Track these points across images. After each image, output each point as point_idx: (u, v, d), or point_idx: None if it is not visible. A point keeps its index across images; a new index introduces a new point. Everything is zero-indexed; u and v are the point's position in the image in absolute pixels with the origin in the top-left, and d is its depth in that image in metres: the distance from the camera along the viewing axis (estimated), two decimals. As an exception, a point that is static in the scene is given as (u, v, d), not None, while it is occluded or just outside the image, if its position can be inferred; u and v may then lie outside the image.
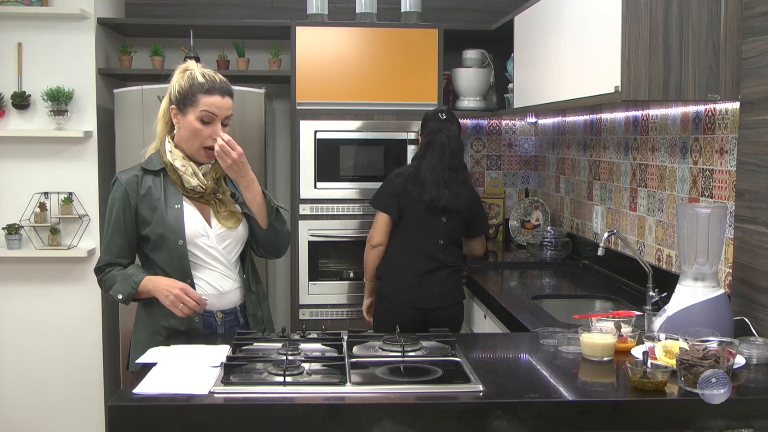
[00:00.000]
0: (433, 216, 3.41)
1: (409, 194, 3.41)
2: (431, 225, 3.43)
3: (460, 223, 3.48)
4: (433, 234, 3.43)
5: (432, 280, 3.41)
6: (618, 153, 3.54)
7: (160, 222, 2.39)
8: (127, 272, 2.41)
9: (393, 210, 3.44)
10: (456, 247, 3.51)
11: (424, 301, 3.40)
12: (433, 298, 3.40)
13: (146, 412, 1.80)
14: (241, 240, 2.53)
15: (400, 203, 3.44)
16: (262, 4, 4.53)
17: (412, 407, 1.81)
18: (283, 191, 4.54)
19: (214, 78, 2.43)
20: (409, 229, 3.45)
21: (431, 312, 3.39)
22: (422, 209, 3.41)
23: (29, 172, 4.00)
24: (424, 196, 3.38)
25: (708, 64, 2.48)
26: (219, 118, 2.41)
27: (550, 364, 2.12)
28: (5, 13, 3.92)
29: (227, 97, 2.43)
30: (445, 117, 3.47)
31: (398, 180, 3.46)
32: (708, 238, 2.25)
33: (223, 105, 2.41)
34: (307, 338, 2.26)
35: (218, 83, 2.43)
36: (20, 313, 4.05)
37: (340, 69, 3.99)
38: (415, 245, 3.43)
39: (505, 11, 4.07)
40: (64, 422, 4.10)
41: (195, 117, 2.39)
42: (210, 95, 2.39)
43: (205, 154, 2.42)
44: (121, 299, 2.39)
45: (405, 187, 3.42)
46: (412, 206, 3.42)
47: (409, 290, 3.41)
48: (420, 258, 3.42)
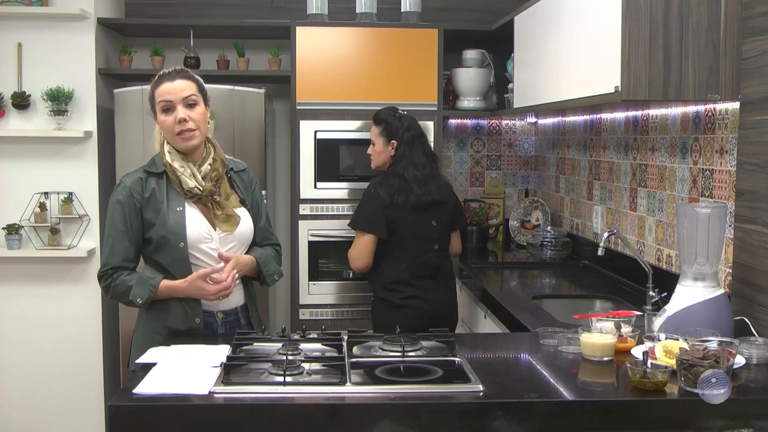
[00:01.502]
0: (423, 221, 3.30)
1: (396, 205, 3.25)
2: (424, 232, 3.31)
3: (448, 219, 3.42)
4: (428, 241, 3.33)
5: (438, 288, 3.34)
6: (618, 153, 3.54)
7: (162, 224, 2.39)
8: (143, 276, 2.41)
9: (381, 229, 3.26)
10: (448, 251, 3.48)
11: (437, 310, 3.30)
12: (444, 305, 3.37)
13: (146, 412, 1.80)
14: (245, 243, 2.53)
15: (388, 218, 3.27)
16: (262, 4, 4.53)
17: (412, 407, 1.81)
18: (283, 191, 4.54)
19: (166, 70, 2.45)
20: (403, 243, 3.30)
21: (449, 317, 3.38)
22: (412, 217, 3.28)
23: (29, 172, 4.00)
24: (411, 197, 3.25)
25: (708, 64, 2.48)
26: (176, 102, 2.39)
27: (550, 364, 2.12)
28: (5, 13, 3.92)
29: (178, 80, 2.41)
30: (401, 111, 3.45)
31: (384, 192, 3.27)
32: (708, 238, 2.25)
33: (173, 88, 2.40)
34: (307, 338, 2.26)
35: (168, 72, 2.44)
36: (20, 313, 4.05)
37: (340, 69, 3.99)
38: (412, 258, 3.30)
39: (505, 11, 4.07)
40: (64, 422, 4.10)
41: (159, 111, 2.42)
42: (159, 85, 2.42)
43: (180, 140, 2.42)
44: (140, 303, 2.38)
45: (393, 199, 3.25)
46: (402, 217, 3.27)
47: (419, 302, 3.28)
48: (420, 269, 3.30)
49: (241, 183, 2.59)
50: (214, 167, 2.47)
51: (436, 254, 3.37)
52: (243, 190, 2.57)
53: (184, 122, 2.38)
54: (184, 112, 2.39)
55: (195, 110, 2.41)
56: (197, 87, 2.45)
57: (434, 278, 3.35)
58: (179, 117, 2.38)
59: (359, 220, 3.33)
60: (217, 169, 2.47)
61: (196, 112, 2.41)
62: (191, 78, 2.45)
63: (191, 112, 2.40)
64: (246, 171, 2.64)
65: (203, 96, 2.47)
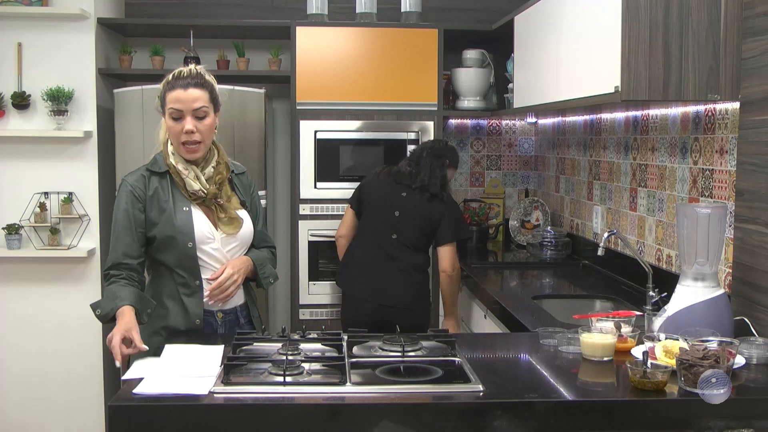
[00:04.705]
0: (387, 208, 3.46)
1: (369, 186, 3.55)
2: (384, 218, 3.47)
3: (419, 221, 3.43)
4: (386, 227, 3.45)
5: (385, 276, 3.42)
6: (618, 153, 3.54)
7: (169, 224, 2.39)
8: (117, 293, 2.30)
9: (354, 201, 3.61)
10: (415, 251, 3.46)
11: (379, 297, 3.40)
12: (387, 296, 3.40)
13: (146, 412, 1.80)
14: (245, 244, 2.54)
15: (361, 195, 3.57)
16: (262, 4, 4.53)
17: (412, 407, 1.81)
18: (283, 191, 4.54)
19: (182, 72, 2.41)
20: (366, 223, 3.54)
21: (390, 309, 3.38)
22: (379, 202, 3.49)
23: (29, 172, 4.00)
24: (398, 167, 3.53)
25: (708, 64, 2.48)
26: (186, 113, 2.37)
27: (550, 364, 2.12)
28: (5, 13, 3.92)
29: (191, 89, 2.38)
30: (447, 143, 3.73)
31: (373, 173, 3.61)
32: (708, 238, 2.25)
33: (186, 98, 2.36)
34: (307, 338, 2.26)
35: (183, 76, 2.39)
36: (20, 313, 4.05)
37: (340, 69, 3.99)
38: (368, 239, 3.50)
39: (505, 11, 4.07)
40: (64, 422, 4.10)
41: (167, 116, 2.40)
42: (172, 90, 2.38)
43: (185, 150, 2.41)
44: (97, 314, 2.28)
45: (378, 177, 3.55)
46: (370, 198, 3.52)
47: (362, 285, 3.44)
48: (373, 251, 3.46)
49: (241, 185, 2.59)
50: (218, 170, 2.47)
51: (392, 243, 3.45)
52: (243, 192, 2.58)
53: (191, 134, 2.37)
54: (193, 124, 2.37)
55: (204, 122, 2.39)
56: (209, 96, 2.42)
57: (386, 267, 3.44)
58: (187, 128, 2.36)
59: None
60: (221, 173, 2.47)
61: (204, 124, 2.39)
62: (204, 86, 2.41)
63: (200, 124, 2.38)
64: (245, 174, 2.65)
65: (214, 105, 2.44)
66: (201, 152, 2.42)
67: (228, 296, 2.43)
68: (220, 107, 2.48)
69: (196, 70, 2.42)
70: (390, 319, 3.29)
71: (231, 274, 2.41)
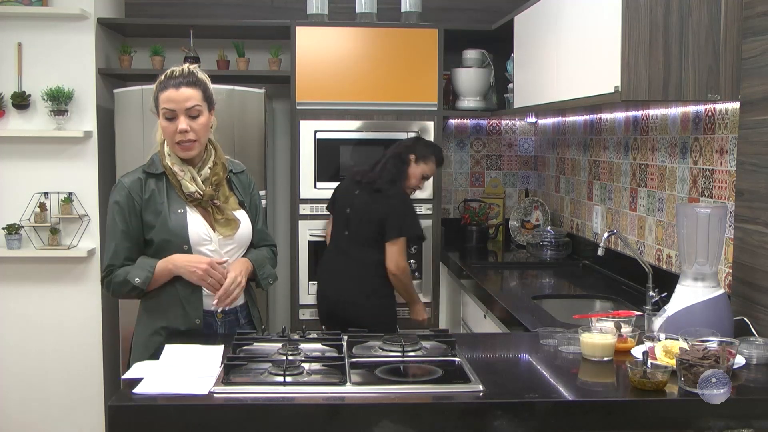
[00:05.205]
0: (342, 206, 3.60)
1: (339, 188, 3.69)
2: (340, 216, 3.61)
3: (366, 217, 3.47)
4: (341, 224, 3.59)
5: (338, 272, 3.55)
6: (618, 153, 3.54)
7: (164, 227, 2.38)
8: (139, 262, 2.39)
9: (329, 203, 3.76)
10: (368, 247, 3.47)
11: (333, 292, 3.54)
12: (338, 290, 3.51)
13: (146, 412, 1.80)
14: (243, 245, 2.53)
15: (333, 196, 3.73)
16: (262, 4, 4.53)
17: (412, 407, 1.81)
18: (283, 191, 4.54)
19: (174, 72, 2.39)
20: (333, 222, 3.71)
21: (343, 304, 3.46)
22: (339, 202, 3.63)
23: (29, 172, 4.00)
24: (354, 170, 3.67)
25: (708, 64, 2.48)
26: (179, 112, 2.36)
27: (550, 364, 2.12)
28: (5, 13, 3.92)
29: (183, 88, 2.36)
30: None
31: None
32: (708, 238, 2.25)
33: (178, 97, 2.35)
34: (307, 338, 2.26)
35: (175, 76, 2.38)
36: (20, 313, 4.05)
37: (340, 69, 3.99)
38: (332, 238, 3.68)
39: (505, 11, 4.07)
40: (64, 422, 4.10)
41: (161, 116, 2.39)
42: (164, 90, 2.37)
43: (180, 149, 2.40)
44: (137, 283, 2.34)
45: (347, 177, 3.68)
46: (336, 198, 3.68)
47: (322, 282, 3.64)
48: (331, 248, 3.68)
49: (240, 185, 2.58)
50: (214, 171, 2.45)
51: (345, 239, 3.57)
52: (241, 192, 2.56)
53: (185, 133, 2.36)
54: (186, 123, 2.36)
55: (197, 121, 2.38)
56: (202, 95, 2.40)
57: (338, 263, 3.56)
58: (180, 128, 2.35)
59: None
60: (217, 174, 2.46)
61: (198, 123, 2.38)
62: (197, 85, 2.39)
63: (193, 122, 2.37)
64: (245, 172, 2.64)
65: (208, 103, 2.43)
66: (196, 150, 2.41)
67: (234, 299, 2.43)
68: (214, 105, 2.47)
69: (188, 69, 2.41)
70: (340, 313, 3.45)
71: (234, 278, 2.41)
